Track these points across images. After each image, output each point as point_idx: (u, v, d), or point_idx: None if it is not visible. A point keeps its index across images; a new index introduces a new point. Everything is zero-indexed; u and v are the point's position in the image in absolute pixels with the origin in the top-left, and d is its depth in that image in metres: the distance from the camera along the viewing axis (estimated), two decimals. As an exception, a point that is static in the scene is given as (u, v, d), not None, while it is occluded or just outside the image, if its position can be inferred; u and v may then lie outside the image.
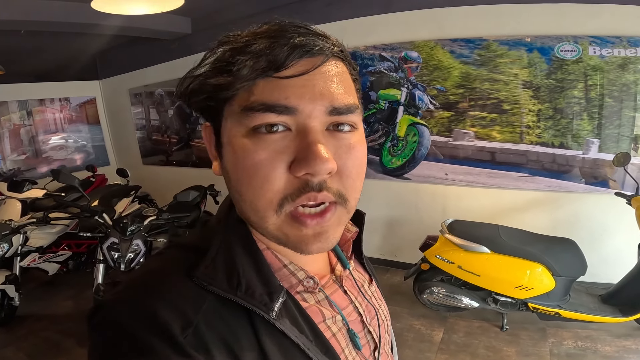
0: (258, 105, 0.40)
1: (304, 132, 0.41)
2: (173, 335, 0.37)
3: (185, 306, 0.40)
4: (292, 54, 0.41)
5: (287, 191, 0.41)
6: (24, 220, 3.11)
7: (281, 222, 0.43)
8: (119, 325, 0.39)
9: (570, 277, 2.46)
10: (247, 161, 0.42)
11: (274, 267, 0.48)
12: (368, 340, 0.55)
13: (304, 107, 0.41)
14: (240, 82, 0.41)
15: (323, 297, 0.51)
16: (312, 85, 0.41)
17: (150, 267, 0.49)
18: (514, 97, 2.99)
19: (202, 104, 0.46)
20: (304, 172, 0.40)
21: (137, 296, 0.42)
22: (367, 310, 0.57)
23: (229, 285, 0.42)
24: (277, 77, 0.40)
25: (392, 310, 2.53)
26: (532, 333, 2.61)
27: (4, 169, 4.81)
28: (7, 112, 4.99)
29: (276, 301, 0.43)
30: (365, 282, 0.61)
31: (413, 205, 3.53)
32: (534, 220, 3.04)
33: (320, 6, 3.41)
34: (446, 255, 2.62)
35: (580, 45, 2.72)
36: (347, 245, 0.58)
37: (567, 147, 2.93)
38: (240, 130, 0.42)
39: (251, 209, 0.43)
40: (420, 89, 3.26)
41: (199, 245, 0.47)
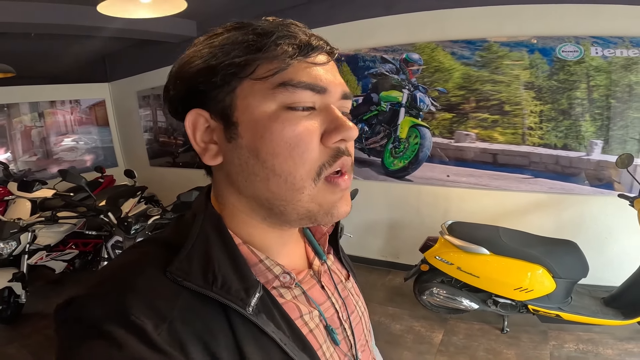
0: (299, 83, 0.44)
1: (328, 110, 0.46)
2: (147, 332, 0.37)
3: (159, 302, 0.40)
4: (320, 46, 0.47)
5: (323, 159, 0.45)
6: (33, 219, 3.18)
7: (317, 190, 0.46)
8: (90, 321, 0.38)
9: (572, 279, 2.43)
10: (287, 133, 0.44)
11: (250, 262, 0.48)
12: (346, 336, 0.55)
13: (331, 89, 0.47)
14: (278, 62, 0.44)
15: (300, 292, 0.51)
16: (333, 73, 0.48)
17: (123, 261, 0.48)
18: (515, 99, 2.98)
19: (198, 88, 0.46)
20: (339, 138, 0.45)
21: (109, 291, 0.41)
22: (344, 307, 0.57)
23: (205, 280, 0.42)
24: (312, 62, 0.46)
25: (392, 312, 2.54)
26: (533, 336, 2.58)
27: (15, 169, 4.92)
28: (19, 114, 5.11)
29: (252, 296, 0.43)
30: (343, 277, 0.62)
31: (415, 207, 3.53)
32: (537, 222, 3.01)
33: (323, 8, 3.44)
34: (446, 257, 2.61)
35: (582, 45, 2.70)
36: (324, 238, 0.60)
37: (571, 149, 2.90)
38: (271, 106, 0.45)
39: (286, 184, 0.45)
40: (421, 90, 3.27)
41: (174, 239, 0.47)
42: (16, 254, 3.00)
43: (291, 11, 3.46)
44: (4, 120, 4.98)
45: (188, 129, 0.48)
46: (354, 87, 3.56)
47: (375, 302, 3.15)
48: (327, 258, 0.59)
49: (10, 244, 2.92)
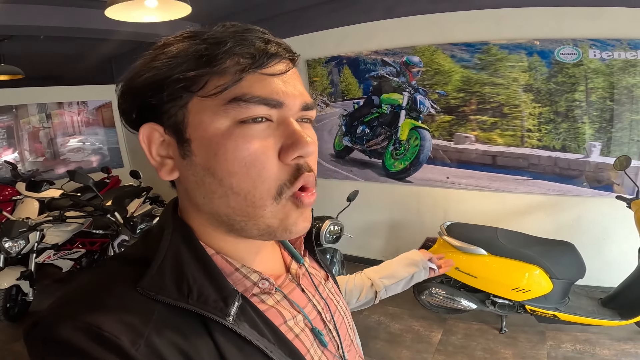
0: (252, 98, 0.42)
1: (286, 123, 0.44)
2: (123, 348, 0.36)
3: (131, 318, 0.38)
4: (276, 54, 0.44)
5: (282, 178, 0.43)
6: (41, 219, 3.26)
7: (280, 208, 0.44)
8: (62, 341, 0.36)
9: (568, 279, 2.46)
10: (242, 151, 0.42)
11: (226, 271, 0.47)
12: (331, 337, 0.55)
13: (289, 102, 0.44)
14: (230, 75, 0.42)
15: (281, 296, 0.51)
16: (291, 84, 0.45)
17: (89, 280, 0.45)
18: (514, 101, 3.01)
19: (149, 102, 0.44)
20: (297, 154, 0.43)
21: (77, 310, 0.39)
22: (326, 309, 0.57)
23: (179, 293, 0.41)
24: (266, 73, 0.43)
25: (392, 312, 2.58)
26: (531, 336, 2.61)
27: (23, 170, 5.01)
28: (27, 115, 5.21)
29: (231, 305, 0.42)
30: (322, 279, 0.62)
31: (415, 208, 3.57)
32: (536, 223, 3.03)
33: (324, 12, 3.49)
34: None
35: (580, 48, 2.72)
36: (299, 241, 0.60)
37: (569, 151, 2.93)
38: (224, 123, 0.42)
39: (245, 201, 0.43)
40: (421, 93, 3.31)
41: (141, 255, 0.45)
42: (24, 253, 3.06)
43: (293, 15, 3.51)
44: (12, 121, 5.08)
45: (142, 143, 0.46)
46: (355, 90, 3.61)
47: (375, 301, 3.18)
48: (304, 261, 0.59)
49: (19, 242, 2.98)
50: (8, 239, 2.92)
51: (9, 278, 2.95)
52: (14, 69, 3.88)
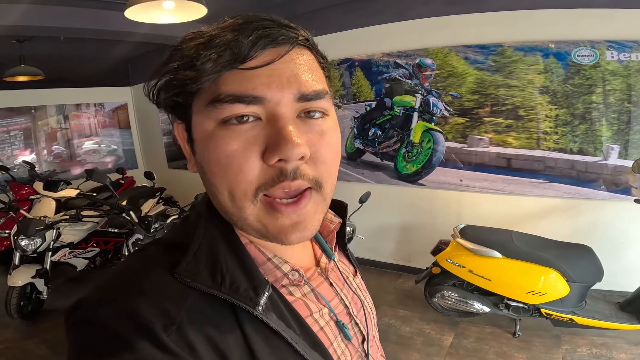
0: (226, 97, 0.41)
1: (274, 119, 0.41)
2: (156, 334, 0.36)
3: (167, 303, 0.39)
4: (256, 44, 0.41)
5: (261, 180, 0.42)
6: (58, 217, 3.31)
7: (258, 211, 0.43)
8: (99, 323, 0.38)
9: (586, 283, 2.41)
10: (219, 153, 0.42)
11: (258, 260, 0.47)
12: (356, 332, 0.55)
13: (272, 96, 0.41)
14: (205, 76, 0.41)
15: (309, 290, 0.51)
16: (278, 74, 0.41)
17: (130, 264, 0.47)
18: (530, 103, 2.97)
19: (170, 102, 0.46)
20: (277, 157, 0.40)
21: (117, 294, 0.40)
22: (354, 302, 0.57)
23: (213, 280, 0.42)
24: (243, 68, 0.41)
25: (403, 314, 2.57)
26: (546, 340, 2.56)
27: (40, 170, 5.12)
28: (46, 116, 5.33)
29: (262, 295, 0.43)
30: (350, 273, 0.62)
31: (427, 211, 3.54)
32: (552, 227, 2.99)
33: (336, 14, 3.51)
34: (457, 260, 2.62)
35: (597, 50, 2.68)
36: (331, 236, 0.59)
37: (587, 154, 2.88)
38: (210, 124, 0.42)
39: (228, 201, 0.43)
40: (434, 95, 3.29)
41: (180, 241, 0.46)
42: (40, 251, 3.11)
43: (305, 17, 3.54)
44: (31, 122, 5.20)
45: (178, 138, 0.49)
46: (367, 92, 3.61)
47: (386, 304, 3.17)
48: (335, 255, 0.58)
49: (35, 240, 3.03)
50: (25, 236, 2.97)
51: (24, 276, 2.99)
52: (34, 70, 3.97)
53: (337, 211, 0.60)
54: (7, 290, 2.98)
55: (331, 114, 0.47)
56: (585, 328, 2.43)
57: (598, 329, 2.42)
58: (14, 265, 3.07)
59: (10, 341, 2.91)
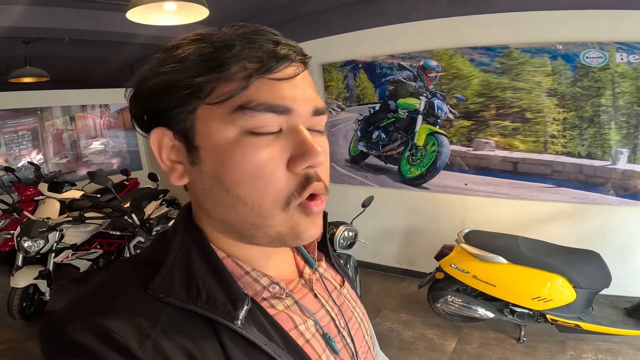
0: (258, 105, 0.40)
1: (296, 132, 0.43)
2: (130, 350, 0.36)
3: (140, 320, 0.39)
4: (286, 57, 0.42)
5: (291, 188, 0.42)
6: (61, 219, 3.32)
7: (289, 217, 0.43)
8: (72, 341, 0.37)
9: (593, 289, 2.37)
10: (248, 162, 0.41)
11: (236, 274, 0.46)
12: (345, 344, 0.53)
13: (297, 108, 0.42)
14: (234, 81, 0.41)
15: (292, 302, 0.50)
16: (301, 88, 0.43)
17: (102, 280, 0.46)
18: (537, 106, 2.92)
19: (157, 107, 0.44)
20: (306, 165, 0.42)
21: (88, 311, 0.40)
22: (340, 314, 0.55)
23: (188, 295, 0.41)
24: (273, 78, 0.41)
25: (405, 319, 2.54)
26: (551, 345, 2.52)
27: (46, 171, 5.15)
28: (51, 117, 5.36)
29: (240, 309, 0.42)
30: (337, 284, 0.60)
31: (431, 215, 3.49)
32: (559, 232, 2.93)
33: (339, 16, 3.47)
34: (461, 265, 2.58)
35: (606, 51, 2.62)
36: (313, 246, 0.58)
37: (595, 158, 2.82)
38: (233, 131, 0.41)
39: (253, 211, 0.43)
40: (439, 98, 3.24)
41: (154, 257, 0.45)
42: (43, 252, 3.12)
43: (308, 18, 3.51)
44: (37, 123, 5.24)
45: (153, 147, 0.45)
46: (371, 94, 3.57)
47: (388, 308, 3.14)
48: (319, 265, 0.58)
49: (39, 242, 3.04)
50: (28, 238, 2.98)
51: (27, 277, 3.00)
52: (39, 72, 4.00)
53: None
54: (10, 292, 2.99)
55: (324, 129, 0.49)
56: (591, 334, 2.39)
57: (604, 335, 2.39)
58: (17, 266, 3.08)
59: (12, 342, 2.92)
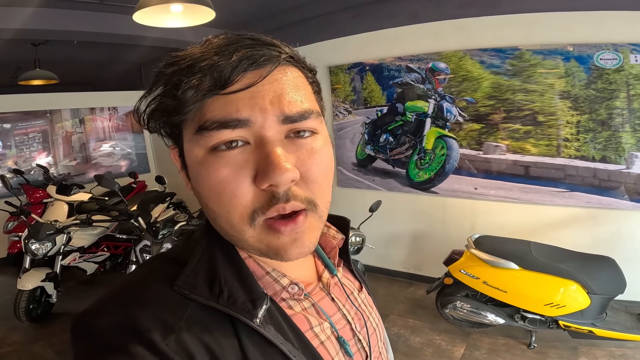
0: (211, 124, 0.41)
1: (262, 144, 0.41)
2: (155, 342, 0.38)
3: (166, 314, 0.40)
4: (237, 68, 0.41)
5: (256, 204, 0.42)
6: (69, 222, 3.32)
7: (258, 233, 0.43)
8: (101, 334, 0.39)
9: (607, 295, 2.32)
10: (211, 180, 0.42)
11: (257, 274, 0.48)
12: (359, 348, 0.54)
13: (256, 118, 0.41)
14: (187, 106, 0.41)
15: (310, 304, 0.51)
16: (261, 96, 0.41)
17: (132, 277, 0.49)
18: (550, 109, 2.86)
19: (161, 129, 0.47)
20: (267, 183, 0.40)
21: (118, 305, 0.42)
22: (357, 318, 0.56)
23: (211, 293, 0.43)
24: (224, 93, 0.41)
25: (413, 324, 2.50)
26: (562, 351, 2.47)
27: (56, 173, 5.18)
28: (61, 120, 5.40)
29: (259, 308, 0.43)
30: (355, 289, 0.61)
31: (440, 219, 3.44)
32: (572, 237, 2.86)
33: (347, 18, 3.45)
34: (471, 271, 2.53)
35: (621, 53, 2.56)
36: (334, 252, 0.59)
37: (609, 161, 2.75)
38: (200, 151, 0.43)
39: (227, 224, 0.44)
40: (448, 100, 3.19)
41: (181, 256, 0.47)
42: (51, 255, 3.13)
43: (315, 20, 3.49)
44: (47, 125, 5.28)
45: (174, 162, 0.49)
46: (379, 97, 3.53)
47: (395, 314, 3.09)
48: (338, 271, 0.58)
49: (46, 244, 3.05)
50: (35, 240, 2.99)
51: (34, 279, 3.01)
52: (48, 74, 4.03)
53: (340, 227, 0.60)
54: (17, 294, 3.01)
55: (321, 131, 0.46)
56: (605, 340, 2.34)
57: (618, 341, 2.34)
58: (24, 268, 3.10)
59: (17, 344, 2.93)
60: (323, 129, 0.47)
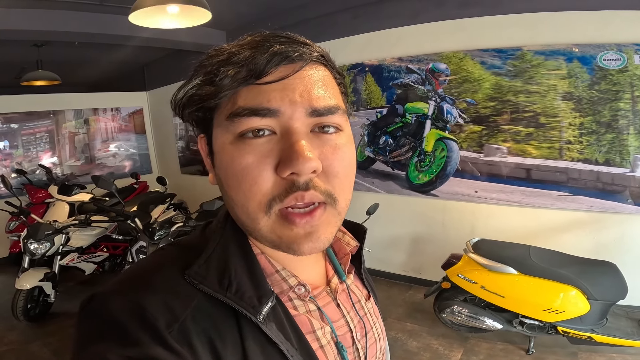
0: (242, 111, 0.42)
1: (287, 134, 0.42)
2: (159, 329, 0.38)
3: (174, 302, 0.41)
4: (272, 60, 0.42)
5: (275, 192, 0.43)
6: (68, 222, 3.34)
7: (272, 222, 0.44)
8: (108, 315, 0.40)
9: (608, 301, 2.27)
10: (235, 166, 0.43)
11: (267, 271, 0.49)
12: (356, 356, 0.54)
13: (285, 109, 0.42)
14: (223, 91, 0.43)
15: (315, 308, 0.51)
16: (292, 88, 0.43)
17: (147, 262, 0.50)
18: (552, 110, 2.80)
19: (194, 117, 0.48)
20: (289, 171, 0.41)
21: (128, 289, 0.43)
22: (359, 327, 0.56)
23: (220, 285, 0.44)
24: (258, 83, 0.42)
25: (411, 328, 2.45)
26: (561, 357, 2.42)
27: (60, 173, 5.22)
28: (64, 120, 5.45)
29: (265, 305, 0.44)
30: (362, 298, 0.61)
31: (440, 222, 3.39)
32: (574, 242, 2.81)
33: (347, 18, 3.43)
34: (469, 275, 2.48)
35: (625, 53, 2.50)
36: (346, 258, 0.58)
37: (613, 165, 2.69)
38: (228, 137, 0.44)
39: (243, 212, 0.45)
40: (448, 102, 3.15)
41: (197, 245, 0.48)
42: (50, 255, 3.14)
43: (315, 21, 3.48)
44: (53, 125, 5.33)
45: (201, 151, 0.51)
46: (378, 98, 3.49)
47: (393, 317, 3.05)
48: (347, 277, 0.58)
49: (44, 244, 3.06)
50: (34, 240, 3.00)
51: (32, 279, 3.02)
52: (51, 75, 4.06)
53: (355, 234, 0.60)
54: (15, 293, 3.02)
55: (346, 129, 0.47)
56: (605, 346, 2.29)
57: (618, 347, 2.29)
58: (23, 268, 3.11)
59: (14, 343, 2.94)
60: (348, 127, 0.48)
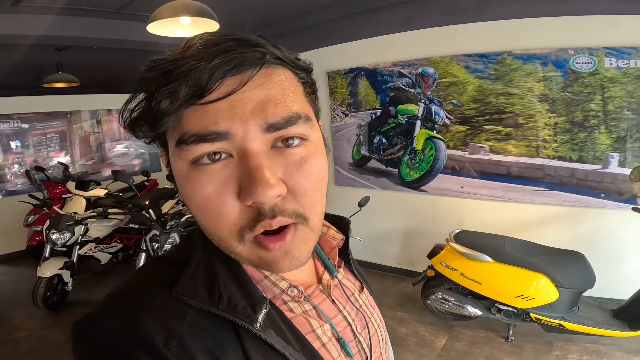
0: (189, 138, 0.39)
1: (244, 157, 0.39)
2: (156, 347, 0.37)
3: (167, 318, 0.40)
4: (214, 75, 0.37)
5: (243, 221, 0.40)
6: (87, 214, 3.62)
7: (249, 249, 0.42)
8: (102, 338, 0.39)
9: (576, 289, 2.44)
10: (196, 198, 0.41)
11: (255, 278, 0.47)
12: (360, 349, 0.54)
13: (237, 130, 0.38)
14: (163, 117, 0.39)
15: (311, 307, 0.50)
16: (241, 105, 0.38)
17: (133, 280, 0.48)
18: (529, 111, 3.02)
19: (147, 136, 0.44)
20: (250, 201, 0.38)
21: (121, 308, 0.41)
22: (358, 319, 0.56)
23: (210, 299, 0.42)
24: (201, 103, 0.38)
25: (400, 316, 2.73)
26: (538, 345, 2.60)
27: (73, 171, 5.52)
28: (80, 121, 5.75)
29: (259, 312, 0.43)
30: (356, 290, 0.60)
31: (430, 217, 3.61)
32: (552, 235, 3.00)
33: (344, 26, 3.64)
34: (450, 263, 2.70)
35: (595, 57, 2.71)
36: (334, 253, 0.57)
37: (586, 162, 2.89)
38: (183, 164, 0.41)
39: (216, 239, 0.43)
40: (436, 103, 3.38)
41: (181, 258, 0.46)
42: (69, 245, 3.40)
43: (315, 28, 3.70)
44: (65, 125, 5.62)
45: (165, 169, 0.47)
46: (373, 100, 3.74)
47: (385, 306, 3.26)
48: (338, 272, 0.57)
49: (65, 234, 3.31)
50: (56, 230, 3.27)
51: (53, 267, 3.27)
52: (70, 77, 4.33)
53: (339, 227, 0.59)
54: (36, 281, 3.26)
55: (312, 136, 0.43)
56: (577, 334, 2.45)
57: (592, 336, 2.44)
58: (44, 257, 3.37)
59: (32, 329, 3.17)
60: (314, 133, 0.44)
